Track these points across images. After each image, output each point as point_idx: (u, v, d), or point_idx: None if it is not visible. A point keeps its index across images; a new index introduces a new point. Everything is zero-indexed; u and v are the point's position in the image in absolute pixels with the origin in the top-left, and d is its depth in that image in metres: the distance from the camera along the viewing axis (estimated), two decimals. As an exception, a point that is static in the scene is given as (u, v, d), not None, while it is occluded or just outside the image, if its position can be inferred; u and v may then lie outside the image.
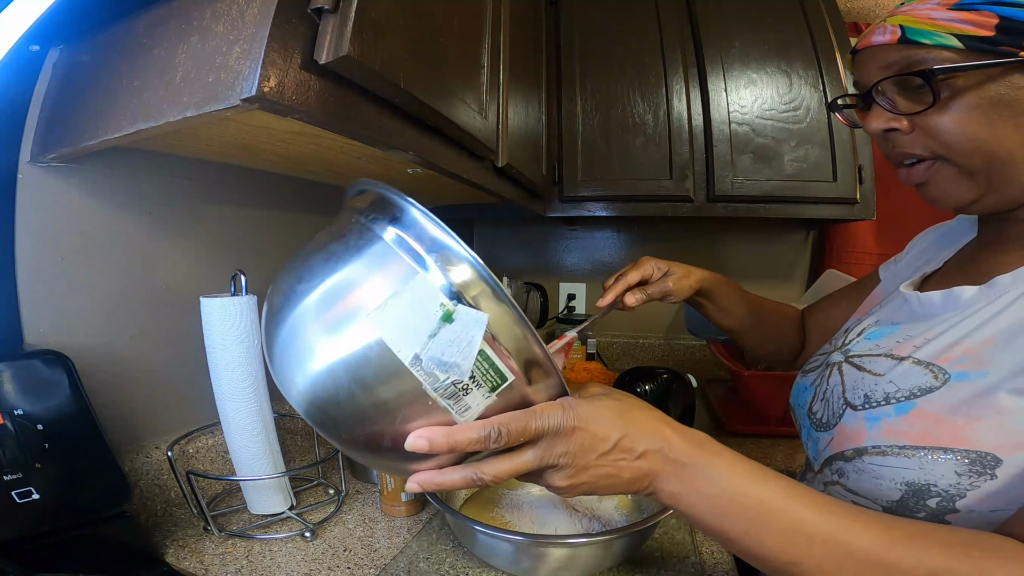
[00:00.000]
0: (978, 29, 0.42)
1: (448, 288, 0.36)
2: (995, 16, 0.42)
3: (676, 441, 0.41)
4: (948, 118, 0.44)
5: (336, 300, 0.38)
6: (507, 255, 1.77)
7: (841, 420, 0.50)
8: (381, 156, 0.72)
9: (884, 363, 0.49)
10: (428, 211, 0.37)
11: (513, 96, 0.92)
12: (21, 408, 0.51)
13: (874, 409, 0.47)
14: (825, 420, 0.53)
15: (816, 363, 0.61)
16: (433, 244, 0.37)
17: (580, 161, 1.30)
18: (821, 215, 1.27)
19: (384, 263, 0.37)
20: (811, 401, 0.57)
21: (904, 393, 0.45)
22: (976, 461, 0.40)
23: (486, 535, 0.55)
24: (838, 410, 0.51)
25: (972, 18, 0.42)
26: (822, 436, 0.53)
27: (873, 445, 0.45)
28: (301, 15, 0.43)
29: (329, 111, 0.47)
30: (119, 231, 0.66)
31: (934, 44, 0.43)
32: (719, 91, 1.27)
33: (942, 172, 0.47)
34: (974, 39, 0.42)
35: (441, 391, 0.36)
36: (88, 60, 0.56)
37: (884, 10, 1.51)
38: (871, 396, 0.47)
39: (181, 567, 0.59)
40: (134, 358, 0.69)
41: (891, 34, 0.46)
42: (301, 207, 0.97)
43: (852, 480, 0.47)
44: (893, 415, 0.45)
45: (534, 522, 0.65)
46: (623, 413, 0.41)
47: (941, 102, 0.44)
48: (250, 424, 0.65)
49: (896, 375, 0.46)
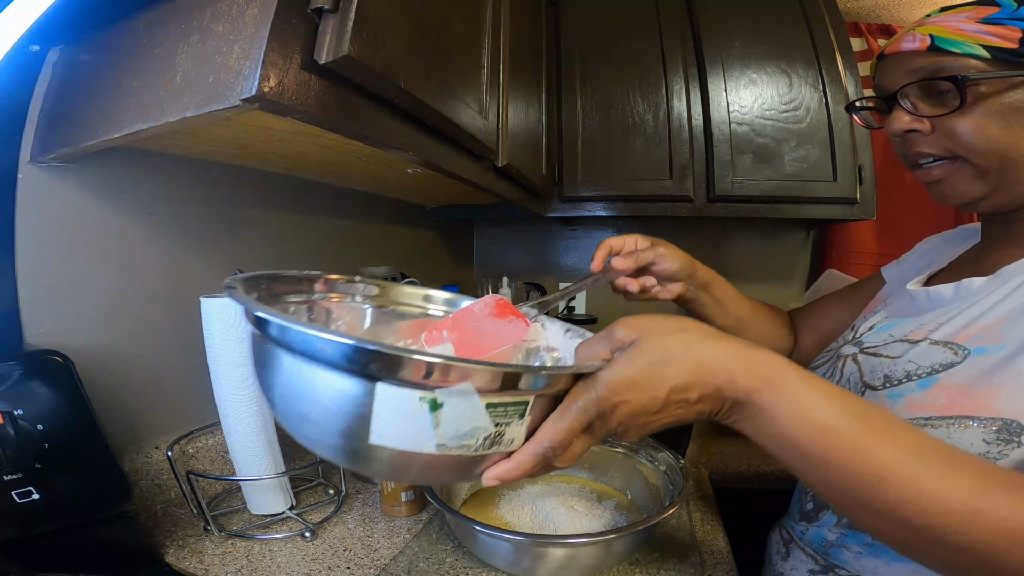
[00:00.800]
0: (1004, 41, 0.46)
1: (406, 384, 0.31)
2: (1020, 30, 0.45)
3: (735, 379, 0.37)
4: (969, 121, 0.47)
5: (336, 440, 0.35)
6: (507, 255, 1.77)
7: None
8: (381, 156, 0.72)
9: (900, 347, 0.50)
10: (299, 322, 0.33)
11: (513, 96, 0.92)
12: (21, 408, 0.50)
13: (896, 387, 0.48)
14: None
15: (824, 358, 0.62)
16: (354, 355, 0.31)
17: (580, 161, 1.30)
18: (821, 215, 1.27)
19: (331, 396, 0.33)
20: None
21: (925, 370, 0.46)
22: (1003, 428, 0.41)
23: (486, 535, 0.55)
24: (857, 393, 0.51)
25: (999, 31, 0.46)
26: None
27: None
28: (301, 15, 0.43)
29: (329, 111, 0.47)
30: (119, 231, 0.66)
31: (963, 53, 0.47)
32: (719, 91, 1.27)
33: (958, 172, 0.50)
34: (1001, 50, 0.46)
35: (482, 447, 0.34)
36: (88, 60, 0.56)
37: (884, 10, 1.51)
38: (891, 376, 0.49)
39: (181, 567, 0.59)
40: (134, 358, 0.69)
41: (921, 42, 0.49)
42: (301, 207, 0.97)
43: None
44: (916, 390, 0.46)
45: (534, 522, 0.65)
46: (663, 364, 0.37)
47: (965, 106, 0.47)
48: (250, 424, 0.65)
49: (914, 355, 0.48)
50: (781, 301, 1.50)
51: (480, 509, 0.70)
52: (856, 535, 0.52)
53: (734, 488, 0.96)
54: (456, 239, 1.67)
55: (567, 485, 0.75)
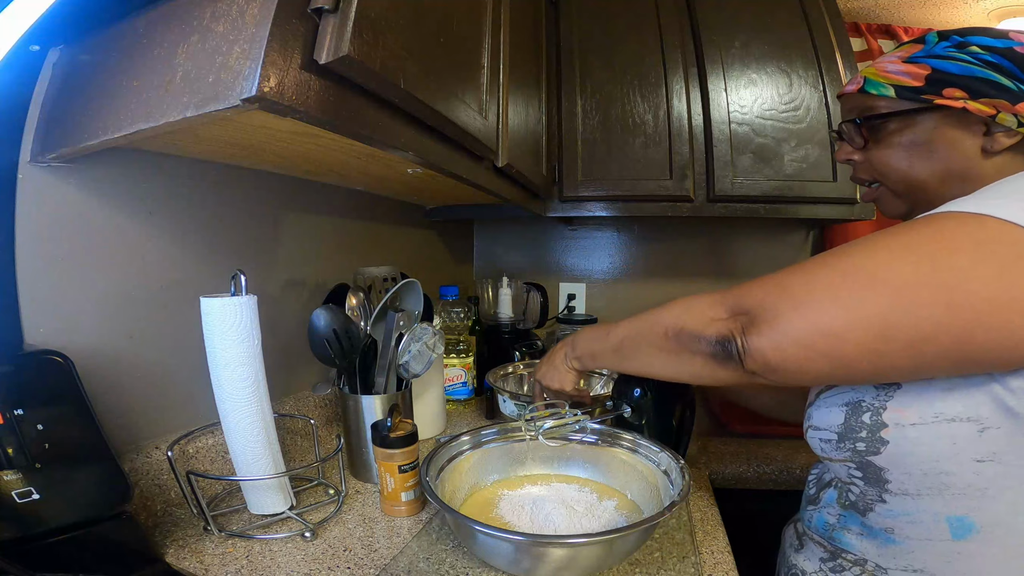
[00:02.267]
0: (912, 80, 0.53)
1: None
2: (928, 67, 0.53)
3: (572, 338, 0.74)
4: (881, 154, 0.58)
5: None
6: (507, 255, 1.77)
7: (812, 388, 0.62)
8: (381, 156, 0.72)
9: None
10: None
11: (513, 96, 0.92)
12: (21, 408, 0.50)
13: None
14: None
15: None
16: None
17: (580, 161, 1.30)
18: (821, 215, 1.27)
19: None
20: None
21: None
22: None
23: (486, 535, 0.55)
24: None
25: (912, 70, 0.54)
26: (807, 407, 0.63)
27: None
28: (301, 15, 0.43)
29: (329, 111, 0.47)
30: (119, 231, 0.66)
31: (878, 94, 0.56)
32: (719, 91, 1.27)
33: (885, 194, 0.61)
34: (906, 88, 0.54)
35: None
36: (88, 60, 0.56)
37: (884, 10, 1.51)
38: None
39: (181, 567, 0.59)
40: (134, 358, 0.69)
41: (855, 84, 0.59)
42: (301, 207, 0.97)
43: (815, 417, 0.56)
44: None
45: (534, 522, 0.65)
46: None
47: (880, 141, 0.58)
48: (250, 424, 0.65)
49: None
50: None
51: (480, 509, 0.70)
52: (851, 515, 0.56)
53: (734, 488, 0.96)
54: (456, 239, 1.67)
55: (567, 485, 0.75)
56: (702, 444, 1.05)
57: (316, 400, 1.01)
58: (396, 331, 0.85)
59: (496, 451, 0.78)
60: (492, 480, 0.77)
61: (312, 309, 0.77)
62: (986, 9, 1.45)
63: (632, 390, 0.84)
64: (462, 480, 0.73)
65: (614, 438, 0.78)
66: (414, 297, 0.88)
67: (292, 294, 0.96)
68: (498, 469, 0.78)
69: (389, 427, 0.70)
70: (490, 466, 0.77)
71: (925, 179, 0.55)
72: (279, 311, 0.92)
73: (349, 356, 0.79)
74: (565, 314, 1.59)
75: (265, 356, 0.66)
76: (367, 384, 0.85)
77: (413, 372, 0.86)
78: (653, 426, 0.82)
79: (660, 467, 0.71)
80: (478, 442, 0.77)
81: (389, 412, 0.72)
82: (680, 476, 0.65)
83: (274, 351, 0.74)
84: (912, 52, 0.55)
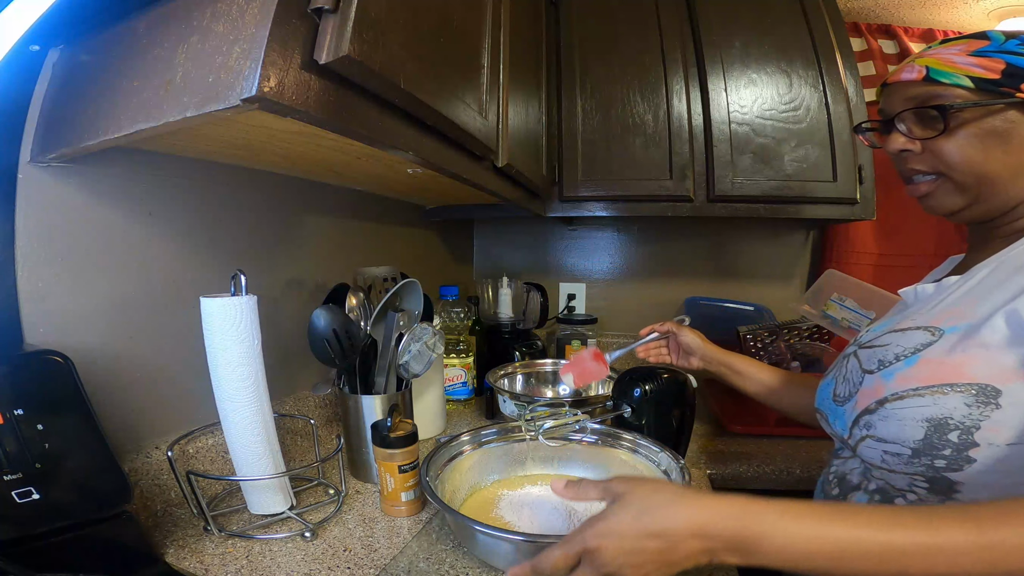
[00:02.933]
0: (988, 72, 0.53)
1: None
2: (1003, 62, 0.52)
3: (714, 525, 0.42)
4: (953, 143, 0.55)
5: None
6: (507, 255, 1.77)
7: (861, 385, 0.57)
8: (381, 156, 0.72)
9: (890, 337, 0.57)
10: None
11: (513, 96, 0.92)
12: (21, 408, 0.50)
13: (888, 368, 0.55)
14: (847, 393, 0.60)
15: (833, 366, 0.68)
16: None
17: (580, 161, 1.30)
18: (821, 215, 1.27)
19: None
20: (833, 388, 0.64)
21: (909, 350, 0.54)
22: (980, 392, 0.47)
23: (487, 535, 0.55)
24: (857, 380, 0.58)
25: (984, 63, 0.53)
26: (847, 406, 0.59)
27: (892, 393, 0.52)
28: (301, 15, 0.43)
29: (329, 111, 0.47)
30: (119, 231, 0.66)
31: (951, 83, 0.54)
32: (719, 91, 1.27)
33: (942, 187, 0.58)
34: (984, 80, 0.53)
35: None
36: (88, 60, 0.56)
37: (884, 10, 1.51)
38: (884, 359, 0.56)
39: (181, 567, 0.59)
40: (134, 358, 0.69)
41: (918, 72, 0.56)
42: (301, 207, 0.97)
43: (880, 428, 0.53)
44: (903, 367, 0.53)
45: (534, 522, 0.65)
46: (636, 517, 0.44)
47: (953, 131, 0.54)
48: (250, 424, 0.65)
49: (901, 340, 0.56)
50: (781, 301, 1.50)
51: (480, 509, 0.70)
52: None
53: (734, 488, 0.96)
54: (456, 239, 1.67)
55: None
56: (702, 444, 1.05)
57: (316, 400, 1.01)
58: (396, 331, 0.85)
59: (496, 451, 0.78)
60: (492, 480, 0.77)
61: (312, 309, 0.77)
62: (986, 9, 1.44)
63: (632, 390, 0.84)
64: (462, 480, 0.73)
65: (614, 438, 0.78)
66: (414, 297, 0.88)
67: (292, 294, 0.96)
68: (498, 469, 0.78)
69: (389, 427, 0.70)
70: (490, 466, 0.77)
71: (998, 172, 0.54)
72: (279, 311, 0.92)
73: (349, 356, 0.79)
74: (565, 314, 1.59)
75: (265, 356, 0.66)
76: (367, 384, 0.85)
77: (413, 372, 0.86)
78: (653, 426, 0.82)
79: (660, 467, 0.71)
80: (478, 442, 0.77)
81: (389, 412, 0.72)
82: (680, 476, 0.65)
83: (274, 351, 0.74)
84: (977, 47, 0.54)
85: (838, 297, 1.18)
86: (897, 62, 1.52)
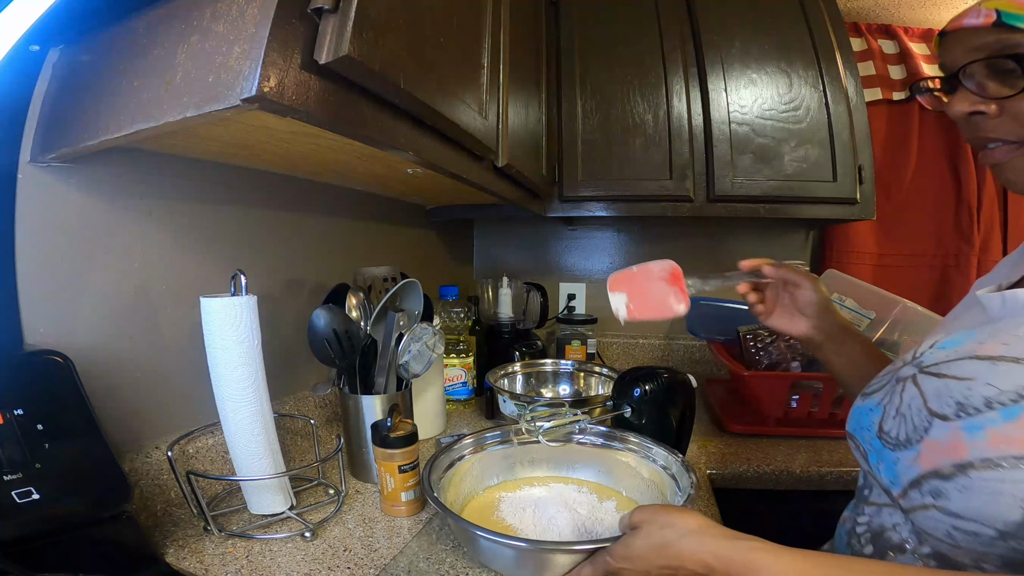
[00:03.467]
0: None
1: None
2: None
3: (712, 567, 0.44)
4: None
5: None
6: (507, 255, 1.77)
7: (928, 434, 0.43)
8: (381, 156, 0.72)
9: (970, 366, 0.43)
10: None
11: (513, 96, 0.92)
12: (21, 408, 0.50)
13: (973, 417, 0.40)
14: (904, 437, 0.46)
15: (880, 383, 0.54)
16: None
17: (580, 161, 1.30)
18: (821, 215, 1.27)
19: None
20: (880, 421, 0.50)
21: (1010, 395, 0.39)
22: None
23: (489, 540, 0.55)
24: (921, 423, 0.44)
25: None
26: (902, 455, 0.45)
27: (981, 458, 0.38)
28: (301, 15, 0.43)
29: (329, 111, 0.47)
30: (119, 231, 0.66)
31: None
32: (719, 91, 1.27)
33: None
34: None
35: None
36: (88, 60, 0.56)
37: (884, 10, 1.51)
38: (966, 403, 0.41)
39: (181, 567, 0.59)
40: (134, 358, 0.69)
41: (986, 17, 0.44)
42: (301, 207, 0.97)
43: (956, 501, 0.40)
44: (1000, 421, 0.38)
45: (536, 525, 0.65)
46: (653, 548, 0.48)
47: None
48: (250, 424, 0.65)
49: (991, 375, 0.40)
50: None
51: (482, 512, 0.69)
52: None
53: (734, 488, 0.96)
54: (456, 239, 1.67)
55: (564, 486, 0.75)
56: (702, 444, 1.05)
57: (316, 400, 1.01)
58: (396, 331, 0.85)
59: (497, 453, 0.78)
60: (494, 483, 0.77)
61: (312, 309, 0.77)
62: (986, 9, 1.44)
63: (632, 390, 0.84)
64: (463, 483, 0.73)
65: (615, 439, 0.78)
66: (414, 297, 0.88)
67: (292, 294, 0.96)
68: (499, 472, 0.78)
69: (389, 427, 0.70)
70: (491, 469, 0.77)
71: None
72: (279, 311, 0.92)
73: (349, 356, 0.79)
74: (565, 314, 1.59)
75: (265, 356, 0.66)
76: (367, 384, 0.85)
77: (413, 372, 0.86)
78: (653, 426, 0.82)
79: (662, 466, 0.71)
80: (479, 445, 0.77)
81: (389, 412, 0.72)
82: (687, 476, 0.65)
83: (274, 351, 0.74)
84: None
85: (838, 297, 1.18)
86: (897, 62, 1.53)
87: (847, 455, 0.98)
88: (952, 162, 1.54)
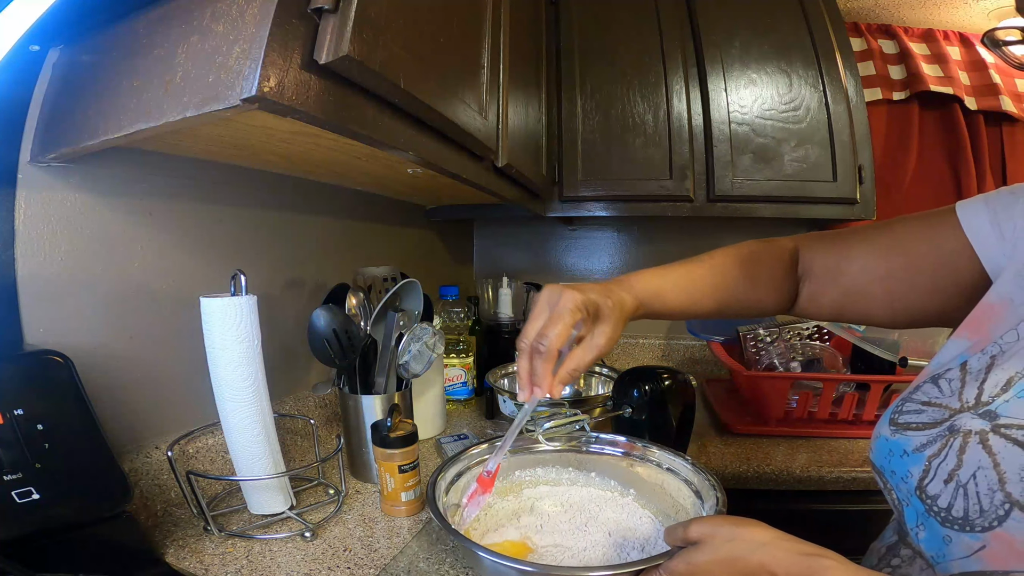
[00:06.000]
0: None
1: None
2: None
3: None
4: None
5: None
6: (507, 255, 1.77)
7: (1002, 525, 0.34)
8: (381, 156, 0.72)
9: None
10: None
11: (513, 96, 0.92)
12: (21, 408, 0.50)
13: None
14: (964, 516, 0.36)
15: (923, 417, 0.42)
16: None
17: (580, 161, 1.30)
18: (821, 215, 1.27)
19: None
20: (923, 479, 0.41)
21: None
22: None
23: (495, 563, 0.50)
24: (992, 508, 0.35)
25: None
26: (958, 537, 0.37)
27: None
28: (301, 15, 0.43)
29: (329, 111, 0.47)
30: (119, 231, 0.66)
31: None
32: (719, 91, 1.27)
33: None
34: None
35: None
36: (88, 60, 0.56)
37: (884, 10, 1.51)
38: None
39: (181, 567, 0.59)
40: (134, 358, 0.69)
41: None
42: (301, 207, 0.97)
43: None
44: None
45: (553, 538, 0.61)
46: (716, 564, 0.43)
47: None
48: (250, 424, 0.65)
49: None
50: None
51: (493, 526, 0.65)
52: None
53: (734, 488, 0.96)
54: (456, 239, 1.67)
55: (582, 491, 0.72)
56: (702, 444, 1.05)
57: (316, 400, 1.01)
58: (396, 331, 0.85)
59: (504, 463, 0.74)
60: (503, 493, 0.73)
61: (312, 309, 0.77)
62: (986, 9, 1.44)
63: (632, 390, 0.84)
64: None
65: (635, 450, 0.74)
66: (414, 297, 0.88)
67: (292, 294, 0.96)
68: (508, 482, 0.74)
69: (389, 427, 0.70)
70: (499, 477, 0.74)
71: None
72: (279, 311, 0.92)
73: (349, 356, 0.79)
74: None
75: (265, 356, 0.66)
76: (367, 384, 0.85)
77: (413, 372, 0.86)
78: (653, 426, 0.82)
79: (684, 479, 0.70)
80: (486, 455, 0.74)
81: (389, 412, 0.72)
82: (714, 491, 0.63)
83: (274, 351, 0.74)
84: None
85: (838, 297, 1.18)
86: (897, 62, 1.53)
87: (847, 455, 0.98)
88: (952, 162, 1.54)
